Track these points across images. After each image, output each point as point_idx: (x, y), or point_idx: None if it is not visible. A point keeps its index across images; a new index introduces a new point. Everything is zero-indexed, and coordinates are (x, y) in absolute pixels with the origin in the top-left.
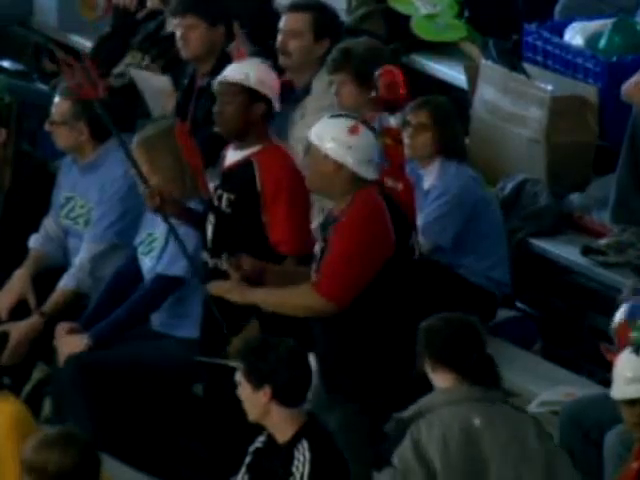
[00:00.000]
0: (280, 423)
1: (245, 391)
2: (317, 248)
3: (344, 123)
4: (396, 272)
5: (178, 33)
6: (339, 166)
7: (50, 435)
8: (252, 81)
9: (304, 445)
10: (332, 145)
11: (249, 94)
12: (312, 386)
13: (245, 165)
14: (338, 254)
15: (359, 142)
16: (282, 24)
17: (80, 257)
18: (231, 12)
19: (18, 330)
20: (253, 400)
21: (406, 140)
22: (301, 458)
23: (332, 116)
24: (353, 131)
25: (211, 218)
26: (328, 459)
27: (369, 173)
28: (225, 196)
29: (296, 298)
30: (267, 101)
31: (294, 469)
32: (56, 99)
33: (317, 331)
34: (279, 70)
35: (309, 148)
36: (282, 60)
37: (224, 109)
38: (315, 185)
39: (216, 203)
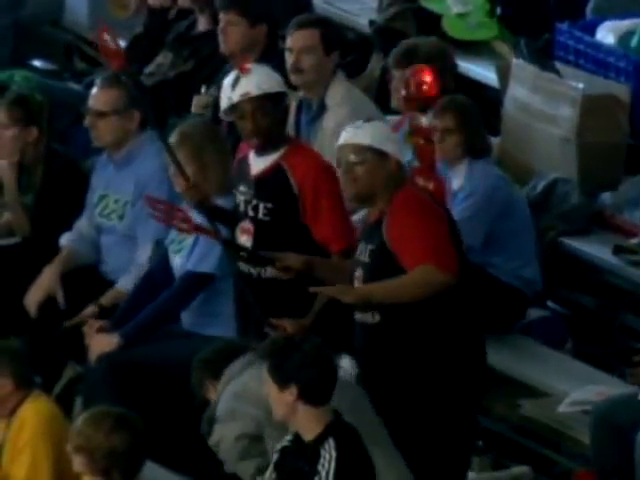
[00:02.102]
0: (306, 422)
1: (271, 390)
2: (363, 256)
3: (383, 123)
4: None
5: (220, 27)
6: (397, 162)
7: (101, 415)
8: (275, 86)
9: (330, 443)
10: (391, 145)
11: (273, 100)
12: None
13: (276, 171)
14: (415, 232)
15: (397, 138)
16: (290, 43)
17: (137, 259)
18: (273, 15)
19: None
20: (279, 399)
21: (435, 145)
22: (327, 456)
23: (370, 120)
24: (395, 129)
25: (248, 227)
26: (354, 457)
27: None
28: (262, 205)
29: (414, 280)
30: (284, 97)
31: (320, 467)
32: (95, 91)
33: (362, 340)
34: (292, 88)
35: (358, 154)
36: (295, 79)
37: (260, 123)
38: (368, 190)
39: (251, 213)
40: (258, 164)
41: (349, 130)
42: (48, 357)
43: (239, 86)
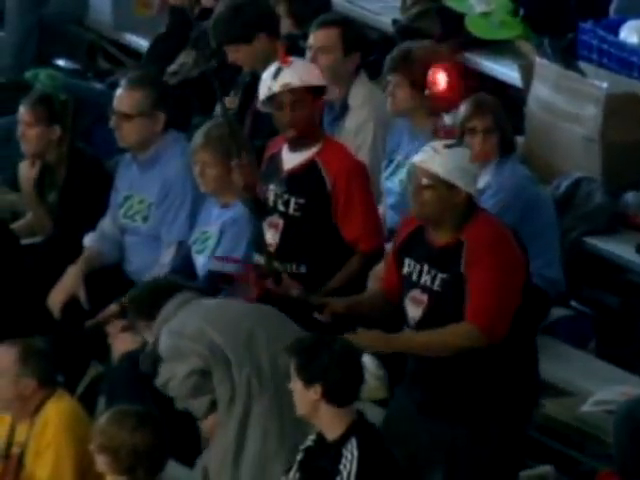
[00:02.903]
0: (329, 421)
1: (296, 386)
2: (427, 281)
3: (465, 152)
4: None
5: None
6: (467, 195)
7: (124, 414)
8: (316, 79)
9: (353, 443)
10: (462, 175)
11: (312, 92)
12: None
13: (310, 167)
14: (485, 282)
15: (476, 169)
16: (311, 41)
17: (161, 259)
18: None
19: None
20: (303, 396)
21: (474, 147)
22: (349, 456)
23: (449, 145)
24: (474, 160)
25: (276, 222)
26: (376, 458)
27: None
28: (293, 200)
29: (450, 337)
30: (324, 92)
31: (342, 467)
32: (121, 92)
33: (422, 360)
34: None
35: (429, 179)
36: None
37: (298, 115)
38: (435, 215)
39: (282, 208)
40: (292, 159)
41: (427, 151)
42: (71, 356)
43: (280, 76)
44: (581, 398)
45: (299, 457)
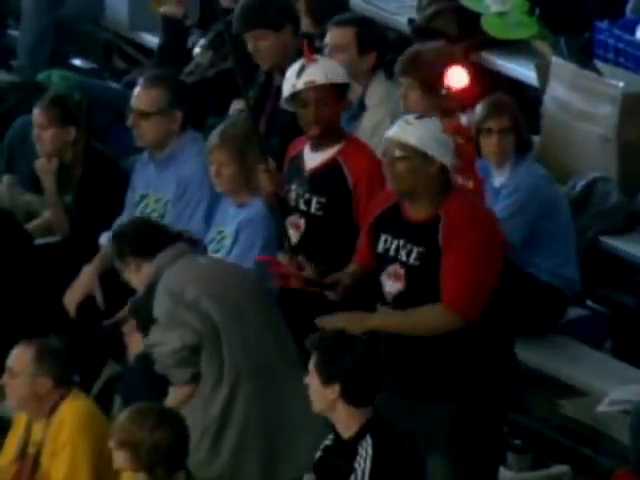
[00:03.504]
0: (345, 419)
1: (314, 381)
2: (403, 255)
3: (437, 123)
4: None
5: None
6: (443, 167)
7: (144, 411)
8: (340, 76)
9: (368, 441)
10: (436, 146)
11: (336, 90)
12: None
13: (332, 166)
14: (462, 263)
15: (449, 141)
16: (327, 39)
17: None
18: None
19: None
20: (320, 393)
21: (490, 148)
22: (363, 454)
23: (420, 117)
24: (445, 130)
25: (297, 222)
26: (391, 455)
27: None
28: (315, 199)
29: (426, 319)
30: (348, 90)
31: (356, 465)
32: (138, 91)
33: (399, 338)
34: None
35: (402, 151)
36: None
37: (321, 113)
38: (409, 188)
39: (303, 207)
40: (314, 159)
41: (400, 124)
42: (87, 356)
43: (305, 74)
44: (597, 398)
45: (317, 456)
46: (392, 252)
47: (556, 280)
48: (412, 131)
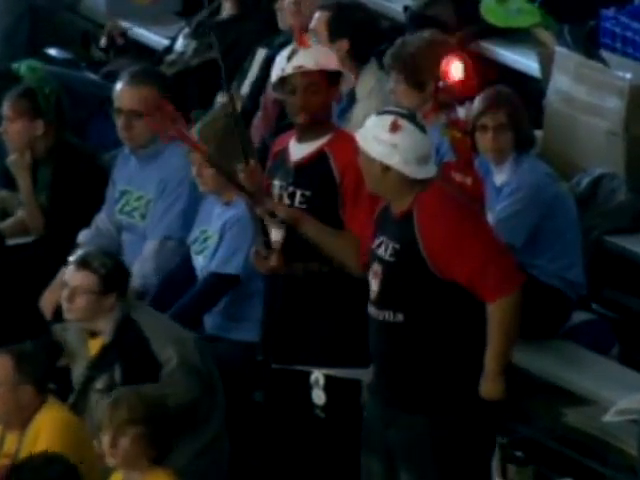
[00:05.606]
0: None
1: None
2: (382, 252)
3: (385, 121)
4: None
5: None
6: (385, 167)
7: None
8: (332, 64)
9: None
10: (376, 145)
11: (328, 78)
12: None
13: (319, 157)
14: (466, 253)
15: (403, 140)
16: None
17: (143, 252)
18: None
19: None
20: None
21: (487, 145)
22: None
23: (377, 113)
24: (394, 128)
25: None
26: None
27: (420, 172)
28: (299, 192)
29: (509, 324)
30: (340, 79)
31: None
32: (124, 89)
33: (380, 340)
34: None
35: (360, 152)
36: None
37: (310, 100)
38: (371, 187)
39: (287, 201)
40: (300, 151)
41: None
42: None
43: (295, 58)
44: (603, 407)
45: None
46: (376, 250)
47: (560, 283)
48: (361, 132)
